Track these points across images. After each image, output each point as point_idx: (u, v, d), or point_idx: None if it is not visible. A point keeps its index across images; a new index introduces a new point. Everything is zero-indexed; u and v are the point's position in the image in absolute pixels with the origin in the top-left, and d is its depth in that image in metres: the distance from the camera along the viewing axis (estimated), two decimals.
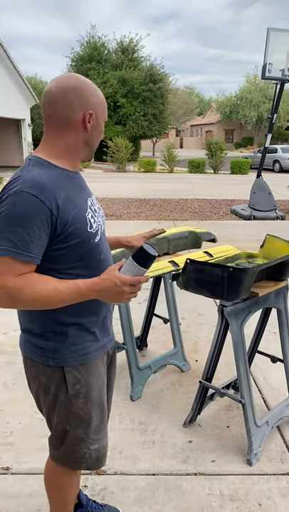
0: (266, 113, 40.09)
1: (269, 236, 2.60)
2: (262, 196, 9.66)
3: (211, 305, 4.43)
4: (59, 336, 1.41)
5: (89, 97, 1.36)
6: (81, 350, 1.44)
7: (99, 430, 1.55)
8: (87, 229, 1.36)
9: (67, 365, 1.42)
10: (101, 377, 1.53)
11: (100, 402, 1.53)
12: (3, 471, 2.18)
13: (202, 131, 53.77)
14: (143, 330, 3.36)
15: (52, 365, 1.42)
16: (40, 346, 1.42)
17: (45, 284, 1.27)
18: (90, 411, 1.50)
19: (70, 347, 1.42)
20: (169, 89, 29.43)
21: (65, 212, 1.28)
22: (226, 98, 45.62)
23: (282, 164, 22.71)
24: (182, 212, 10.30)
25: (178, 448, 2.36)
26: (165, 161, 22.16)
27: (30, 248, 1.22)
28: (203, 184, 16.75)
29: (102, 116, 1.41)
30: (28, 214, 1.21)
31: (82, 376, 1.45)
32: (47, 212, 1.23)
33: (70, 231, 1.30)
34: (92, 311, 1.45)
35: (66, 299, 1.29)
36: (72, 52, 28.45)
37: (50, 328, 1.40)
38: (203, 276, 2.08)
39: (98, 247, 1.42)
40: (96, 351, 1.49)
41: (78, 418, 1.49)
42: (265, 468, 2.23)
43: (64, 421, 1.49)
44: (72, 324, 1.41)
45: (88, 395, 1.48)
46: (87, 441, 1.52)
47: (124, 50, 28.75)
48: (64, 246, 1.31)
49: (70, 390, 1.44)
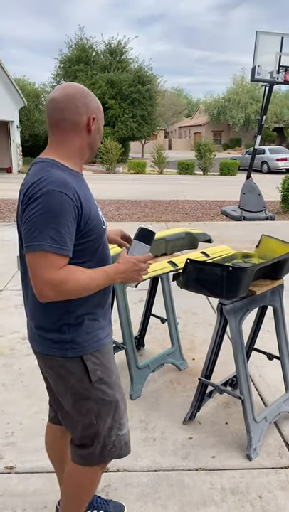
0: (253, 114, 40.51)
1: (264, 236, 2.66)
2: (252, 197, 9.77)
3: (206, 305, 4.49)
4: (74, 327, 1.49)
5: (92, 102, 1.49)
6: (95, 337, 1.52)
7: (123, 413, 1.63)
8: (102, 225, 1.50)
9: (86, 353, 1.50)
10: (114, 361, 1.63)
11: (119, 384, 1.63)
12: (7, 471, 2.21)
13: (190, 132, 54.04)
14: (141, 330, 3.40)
15: (71, 356, 1.49)
16: (57, 341, 1.48)
17: (82, 273, 1.39)
18: (115, 394, 1.58)
19: (85, 336, 1.50)
20: (157, 91, 29.53)
21: (86, 209, 1.41)
22: (213, 100, 45.95)
23: (270, 165, 22.93)
24: (173, 214, 10.37)
25: (178, 444, 2.41)
26: (155, 162, 22.24)
27: (66, 242, 1.34)
28: (193, 185, 16.85)
29: (101, 120, 1.55)
30: (62, 211, 1.32)
31: (100, 361, 1.53)
32: (75, 208, 1.36)
33: (90, 227, 1.42)
34: (99, 303, 1.55)
35: (100, 284, 1.43)
36: (61, 54, 28.45)
37: (65, 322, 1.48)
38: (203, 275, 2.13)
39: (105, 243, 1.56)
40: (106, 337, 1.58)
41: (105, 405, 1.56)
42: (264, 462, 2.29)
43: (91, 412, 1.54)
44: (84, 314, 1.50)
45: (109, 379, 1.56)
46: (116, 427, 1.59)
47: (113, 51, 28.80)
48: (83, 241, 1.42)
49: (92, 377, 1.51)
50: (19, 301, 4.51)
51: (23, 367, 3.22)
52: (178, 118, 52.34)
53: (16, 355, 3.40)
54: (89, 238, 1.44)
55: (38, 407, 2.71)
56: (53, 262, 1.33)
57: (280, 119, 41.22)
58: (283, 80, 8.55)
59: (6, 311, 4.24)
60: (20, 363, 3.28)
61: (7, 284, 5.10)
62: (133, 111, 27.22)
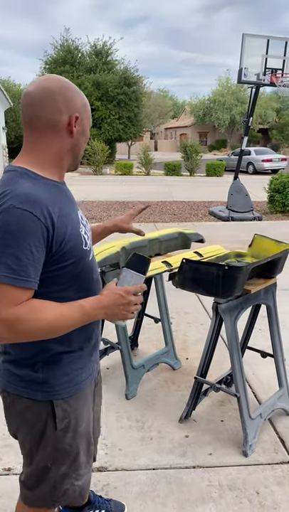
0: (239, 116, 40.83)
1: (257, 235, 2.70)
2: (239, 198, 9.86)
3: (198, 304, 4.53)
4: (49, 366, 1.27)
5: (76, 99, 1.24)
6: (72, 380, 1.32)
7: (85, 463, 1.44)
8: (82, 246, 1.25)
9: (57, 398, 1.30)
10: (90, 407, 1.44)
11: (88, 433, 1.44)
12: (6, 472, 2.20)
13: (176, 134, 54.24)
14: (134, 330, 3.42)
15: (40, 400, 1.28)
16: (27, 379, 1.27)
17: (48, 310, 1.15)
18: (78, 445, 1.39)
19: (61, 378, 1.29)
20: (143, 93, 29.62)
21: (61, 228, 1.16)
22: (199, 101, 46.20)
23: (256, 166, 23.15)
24: (162, 215, 10.41)
25: (175, 443, 2.43)
26: (141, 163, 22.28)
27: (29, 272, 1.10)
28: (180, 186, 16.93)
29: (88, 121, 1.30)
30: (24, 233, 1.08)
31: (71, 409, 1.33)
32: (43, 229, 1.11)
33: (66, 250, 1.18)
34: (85, 337, 1.34)
35: (75, 323, 1.19)
36: (46, 55, 28.34)
37: (38, 358, 1.26)
38: (199, 275, 2.16)
39: (91, 266, 1.32)
40: (86, 380, 1.39)
41: (65, 454, 1.37)
42: (260, 458, 2.32)
43: (48, 458, 1.35)
44: (63, 352, 1.29)
45: (77, 428, 1.37)
46: (71, 476, 1.40)
47: (98, 53, 28.80)
48: (59, 267, 1.19)
49: (58, 425, 1.32)
50: None
51: None
52: (164, 119, 52.54)
53: None
54: (65, 263, 1.20)
55: None
56: (10, 297, 1.09)
57: (264, 121, 41.61)
58: (269, 82, 8.67)
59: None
60: None
61: None
62: (119, 112, 27.25)
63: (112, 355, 3.18)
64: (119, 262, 2.63)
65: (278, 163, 23.15)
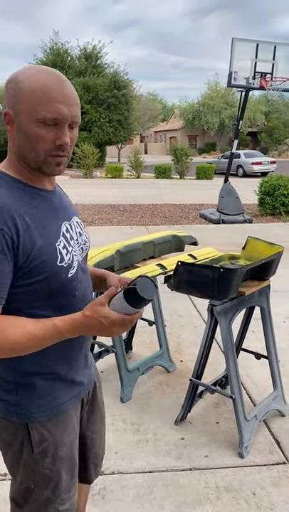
0: (228, 119, 41.12)
1: (251, 238, 2.72)
2: (230, 200, 9.92)
3: (191, 307, 4.54)
4: (23, 388, 1.19)
5: (18, 86, 1.06)
6: (50, 403, 1.22)
7: (69, 487, 1.33)
8: (57, 262, 1.12)
9: (33, 421, 1.21)
10: (73, 431, 1.32)
11: (71, 457, 1.32)
12: (1, 477, 2.19)
13: (166, 137, 54.42)
14: (128, 333, 3.41)
15: (15, 421, 1.21)
16: (2, 398, 1.21)
17: (15, 328, 1.05)
18: (60, 470, 1.28)
19: (37, 400, 1.20)
20: (133, 96, 29.68)
21: (28, 241, 1.06)
22: (188, 105, 46.43)
23: (246, 169, 23.30)
24: (153, 217, 10.43)
25: (171, 445, 2.44)
26: (132, 166, 22.31)
27: None
28: (171, 189, 16.97)
29: (29, 115, 1.06)
30: None
31: (49, 433, 1.24)
32: (7, 239, 1.02)
33: (34, 264, 1.07)
34: (65, 357, 1.23)
35: (43, 343, 1.08)
36: (36, 59, 28.27)
37: (11, 379, 1.19)
38: (194, 277, 2.17)
39: (72, 283, 1.19)
40: (68, 402, 1.28)
41: (45, 478, 1.27)
42: (256, 459, 2.34)
43: (29, 480, 1.27)
44: (38, 374, 1.19)
45: (56, 453, 1.26)
46: (55, 502, 1.30)
47: (88, 56, 28.80)
48: (27, 283, 1.09)
49: (35, 448, 1.23)
50: None
51: None
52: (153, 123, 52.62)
53: None
54: (35, 278, 1.09)
55: None
56: None
57: (253, 124, 41.95)
58: (259, 86, 8.75)
59: None
60: None
61: None
62: (109, 115, 27.27)
63: (106, 359, 3.18)
64: (114, 265, 2.63)
65: (268, 165, 23.34)
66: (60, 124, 1.07)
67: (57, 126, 1.07)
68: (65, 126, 1.08)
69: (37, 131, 1.06)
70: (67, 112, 1.07)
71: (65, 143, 1.09)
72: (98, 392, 1.52)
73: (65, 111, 1.06)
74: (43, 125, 1.06)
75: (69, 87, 1.09)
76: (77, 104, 1.10)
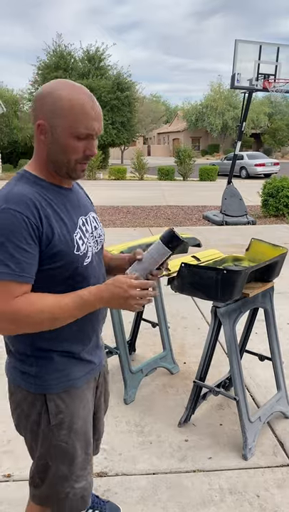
0: (231, 121, 41.11)
1: (254, 240, 2.72)
2: (233, 202, 9.91)
3: (194, 309, 4.54)
4: (42, 361, 1.32)
5: (49, 104, 1.20)
6: (66, 376, 1.35)
7: (84, 464, 1.44)
8: (74, 251, 1.26)
9: (50, 392, 1.33)
10: (87, 406, 1.44)
11: (85, 432, 1.43)
12: (5, 479, 2.20)
13: (169, 138, 54.45)
14: (132, 335, 3.42)
15: (33, 392, 1.34)
16: (23, 371, 1.34)
17: (46, 302, 1.19)
18: (74, 443, 1.39)
19: (54, 373, 1.33)
20: (136, 98, 29.72)
21: (49, 230, 1.21)
22: (191, 106, 46.45)
23: (249, 171, 23.29)
24: (156, 219, 10.43)
25: (175, 447, 2.43)
26: (135, 168, 22.33)
27: (22, 267, 1.16)
28: (174, 191, 16.98)
29: (68, 129, 1.21)
30: (14, 231, 1.14)
31: (65, 405, 1.35)
32: (33, 227, 1.17)
33: (53, 252, 1.22)
34: (78, 337, 1.36)
35: (73, 314, 1.22)
36: (39, 61, 28.36)
37: (32, 353, 1.32)
38: (198, 279, 2.17)
39: (87, 270, 1.32)
40: (82, 378, 1.40)
41: (61, 451, 1.38)
42: (259, 461, 2.33)
43: (46, 454, 1.39)
44: (52, 351, 1.33)
45: (72, 425, 1.37)
46: (71, 479, 1.41)
47: (91, 58, 28.86)
48: (47, 268, 1.23)
49: (52, 419, 1.34)
50: None
51: None
52: (156, 124, 52.75)
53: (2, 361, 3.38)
54: (54, 265, 1.23)
55: None
56: (7, 291, 1.15)
57: (256, 125, 41.95)
58: (262, 87, 8.74)
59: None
60: None
61: None
62: (112, 117, 27.31)
63: (110, 360, 3.17)
64: None
65: (271, 167, 23.33)
66: (90, 138, 1.25)
67: (87, 139, 1.25)
68: (94, 139, 1.27)
69: (72, 143, 1.23)
70: (98, 127, 1.25)
71: (94, 153, 1.28)
72: (105, 380, 1.64)
73: (96, 126, 1.24)
74: (77, 139, 1.23)
75: (97, 104, 1.26)
76: (102, 118, 1.28)
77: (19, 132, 26.22)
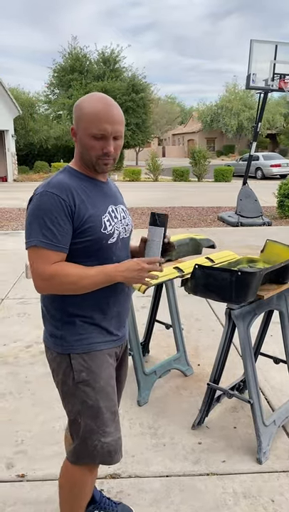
0: (246, 121, 40.84)
1: (269, 241, 2.70)
2: (248, 203, 9.84)
3: (208, 310, 4.51)
4: (67, 325, 1.55)
5: (77, 111, 1.51)
6: (87, 339, 1.56)
7: (109, 422, 1.60)
8: (101, 229, 1.51)
9: (74, 352, 1.55)
10: (108, 369, 1.61)
11: (108, 392, 1.59)
12: (19, 479, 2.21)
13: (184, 139, 54.34)
14: (145, 336, 3.41)
15: (60, 352, 1.56)
16: (53, 334, 1.58)
17: (75, 269, 1.45)
18: (98, 400, 1.56)
19: (76, 335, 1.55)
20: (151, 99, 29.76)
21: (82, 210, 1.46)
22: (206, 107, 46.31)
23: (265, 172, 23.11)
24: (170, 220, 10.41)
25: (188, 449, 2.42)
26: (150, 169, 22.34)
27: (58, 239, 1.42)
28: (189, 192, 16.94)
29: (85, 131, 1.49)
30: (52, 210, 1.41)
31: (87, 364, 1.55)
32: (67, 207, 1.43)
33: (84, 228, 1.47)
34: (96, 307, 1.57)
35: (96, 282, 1.46)
36: (54, 64, 28.61)
37: (59, 318, 1.56)
38: (212, 280, 2.15)
39: (111, 248, 1.56)
40: (103, 343, 1.60)
41: (87, 407, 1.56)
42: (274, 465, 2.30)
43: (75, 411, 1.58)
44: (76, 316, 1.55)
45: (95, 384, 1.56)
46: (98, 432, 1.58)
47: (106, 60, 29.03)
48: (78, 241, 1.47)
49: (76, 376, 1.55)
50: (21, 309, 4.51)
51: (28, 375, 3.22)
52: (171, 126, 52.71)
53: (20, 364, 3.40)
54: (84, 239, 1.48)
55: (45, 415, 2.71)
56: (45, 257, 1.42)
57: (272, 126, 41.58)
58: (278, 87, 8.67)
59: (8, 320, 4.24)
60: (26, 371, 3.28)
61: (8, 293, 5.10)
62: (127, 119, 27.38)
63: None
64: None
65: (287, 168, 23.08)
66: (105, 138, 1.48)
67: (103, 139, 1.48)
68: (109, 139, 1.48)
69: (90, 142, 1.49)
70: (110, 129, 1.47)
71: (109, 151, 1.50)
72: (125, 355, 1.81)
73: (109, 128, 1.46)
74: (94, 138, 1.48)
75: (114, 110, 1.48)
76: (120, 122, 1.49)
77: (35, 134, 26.45)
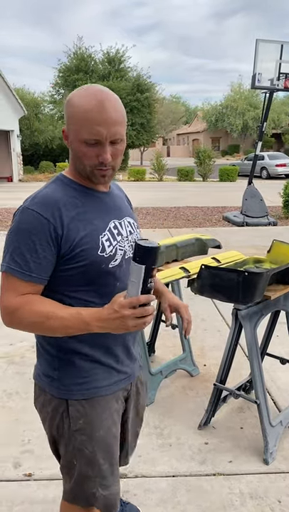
0: (251, 121, 40.72)
1: (276, 241, 2.69)
2: (254, 203, 9.82)
3: (214, 311, 4.51)
4: (64, 364, 1.32)
5: (69, 109, 1.22)
6: (88, 383, 1.33)
7: (107, 474, 1.40)
8: (98, 252, 1.24)
9: (71, 398, 1.32)
10: (111, 417, 1.38)
11: (108, 443, 1.38)
12: (26, 478, 2.22)
13: (189, 139, 54.28)
14: (151, 336, 3.41)
15: (56, 397, 1.34)
16: (48, 375, 1.35)
17: (44, 306, 1.20)
18: (95, 451, 1.36)
19: (75, 378, 1.32)
20: (156, 99, 29.75)
21: (73, 231, 1.21)
22: (211, 107, 46.22)
23: (270, 171, 23.03)
24: (175, 220, 10.41)
25: (195, 449, 2.42)
26: (154, 169, 22.33)
27: (30, 267, 1.18)
28: (194, 192, 16.92)
29: (75, 135, 1.20)
30: (31, 232, 1.17)
31: (86, 412, 1.33)
32: (51, 230, 1.18)
33: (76, 252, 1.21)
34: (101, 341, 1.32)
35: (68, 326, 1.18)
36: (59, 64, 28.65)
37: (55, 354, 1.32)
38: (218, 281, 2.15)
39: (113, 273, 1.29)
40: (108, 387, 1.36)
41: (84, 455, 1.36)
42: (281, 466, 2.30)
43: (71, 454, 1.38)
44: (76, 352, 1.31)
45: (93, 433, 1.34)
46: (95, 481, 1.38)
47: (111, 60, 29.03)
48: (69, 267, 1.23)
49: (72, 424, 1.33)
50: None
51: None
52: (176, 125, 52.62)
53: (26, 363, 3.41)
54: (77, 264, 1.22)
55: None
56: (12, 286, 1.20)
57: (277, 125, 41.44)
58: (283, 87, 8.64)
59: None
60: (32, 370, 3.29)
61: None
62: (132, 119, 27.40)
63: None
64: None
65: None
66: (100, 144, 1.20)
67: (98, 145, 1.20)
68: (105, 145, 1.20)
69: (82, 149, 1.21)
70: (105, 132, 1.18)
71: (105, 159, 1.21)
72: (137, 393, 1.55)
73: (103, 132, 1.18)
74: (86, 144, 1.20)
75: (110, 108, 1.18)
76: (118, 123, 1.20)
77: (40, 135, 26.52)
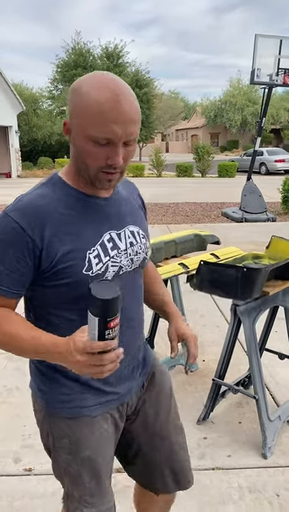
0: (250, 116, 40.67)
1: (274, 237, 2.70)
2: (252, 199, 9.82)
3: (213, 306, 4.52)
4: (49, 381, 1.22)
5: (76, 99, 1.03)
6: (71, 401, 1.21)
7: (94, 493, 1.24)
8: (82, 270, 1.09)
9: (55, 416, 1.22)
10: (101, 437, 1.24)
11: (96, 464, 1.23)
12: (27, 473, 2.23)
13: (187, 135, 54.22)
14: (150, 332, 3.42)
15: (45, 409, 1.24)
16: (40, 388, 1.25)
17: (9, 324, 1.08)
18: (80, 471, 1.22)
19: (60, 396, 1.21)
20: (154, 94, 29.70)
21: (55, 245, 1.06)
22: (210, 102, 46.14)
23: (269, 167, 23.02)
24: (174, 216, 10.42)
25: (194, 444, 2.43)
26: (153, 165, 22.30)
27: (1, 279, 1.07)
28: (193, 188, 16.91)
29: (82, 130, 1.02)
30: (5, 241, 1.05)
31: (71, 431, 1.21)
32: (28, 242, 1.05)
33: (58, 269, 1.07)
34: None
35: (27, 350, 1.07)
36: (58, 59, 28.58)
37: (44, 371, 1.23)
38: (217, 276, 2.16)
39: None
40: (94, 407, 1.22)
41: (68, 473, 1.24)
42: (279, 460, 2.32)
43: (58, 469, 1.28)
44: (60, 371, 1.18)
45: (78, 453, 1.22)
46: (80, 502, 1.24)
47: (110, 56, 28.96)
48: (52, 284, 1.10)
49: (56, 442, 1.23)
50: None
51: None
52: (175, 121, 52.50)
53: (26, 359, 3.42)
54: (60, 282, 1.09)
55: None
56: None
57: (276, 121, 41.39)
58: (282, 82, 8.62)
59: None
60: None
61: None
62: None
63: None
64: None
65: None
66: (113, 144, 1.02)
67: (109, 145, 1.03)
68: (117, 146, 1.03)
69: (88, 148, 1.03)
70: (121, 132, 1.00)
71: (116, 162, 1.04)
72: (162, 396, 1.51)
73: (118, 131, 1.00)
74: (95, 143, 1.02)
75: (126, 102, 1.00)
76: (134, 121, 1.02)
77: (38, 130, 26.48)
